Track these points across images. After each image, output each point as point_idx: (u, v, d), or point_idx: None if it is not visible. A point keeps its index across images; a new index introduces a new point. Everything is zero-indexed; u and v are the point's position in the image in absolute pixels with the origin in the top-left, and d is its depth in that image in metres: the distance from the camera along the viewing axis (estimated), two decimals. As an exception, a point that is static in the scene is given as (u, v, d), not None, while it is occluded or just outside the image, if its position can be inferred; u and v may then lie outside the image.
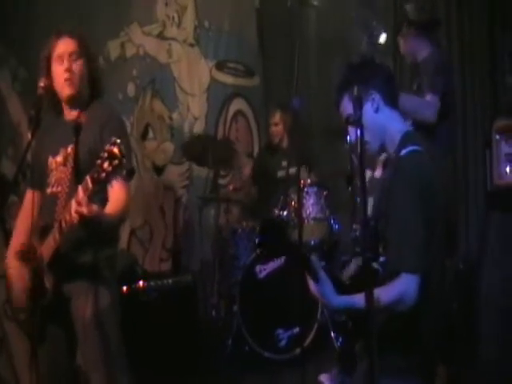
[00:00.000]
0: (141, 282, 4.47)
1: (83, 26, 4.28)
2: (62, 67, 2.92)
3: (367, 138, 2.35)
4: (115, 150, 2.38)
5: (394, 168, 2.45)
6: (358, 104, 2.17)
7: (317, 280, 2.37)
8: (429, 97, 3.91)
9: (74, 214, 2.56)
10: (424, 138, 2.78)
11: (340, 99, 2.55)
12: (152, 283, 4.54)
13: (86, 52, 2.98)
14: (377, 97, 2.48)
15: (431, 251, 2.32)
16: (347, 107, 2.51)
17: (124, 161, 2.41)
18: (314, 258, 2.44)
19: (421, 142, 2.49)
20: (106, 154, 2.39)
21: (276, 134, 5.57)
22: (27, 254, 2.90)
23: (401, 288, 2.26)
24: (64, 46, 2.93)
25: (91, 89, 3.03)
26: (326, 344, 4.63)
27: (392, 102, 2.53)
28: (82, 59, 2.96)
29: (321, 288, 2.37)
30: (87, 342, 2.88)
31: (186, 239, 5.70)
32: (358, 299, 2.19)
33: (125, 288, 4.22)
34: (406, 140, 2.45)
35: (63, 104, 3.03)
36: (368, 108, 2.46)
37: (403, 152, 2.41)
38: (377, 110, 2.49)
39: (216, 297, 5.35)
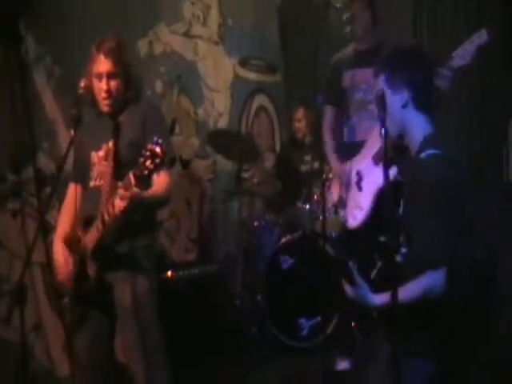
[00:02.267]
0: (169, 272, 4.57)
1: (115, 26, 4.42)
2: (101, 85, 3.08)
3: (387, 124, 2.36)
4: (157, 149, 2.53)
5: (414, 170, 2.53)
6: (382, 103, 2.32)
7: (354, 284, 2.50)
8: None
9: (117, 211, 2.75)
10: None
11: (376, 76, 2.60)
12: (180, 273, 4.65)
13: (122, 70, 3.11)
14: (408, 95, 2.53)
15: (454, 246, 2.41)
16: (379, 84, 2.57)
17: (165, 160, 2.57)
18: (350, 263, 2.54)
19: (443, 145, 2.52)
20: (148, 153, 2.53)
21: (299, 129, 5.66)
22: (72, 242, 3.10)
23: (428, 283, 2.37)
24: (101, 67, 3.08)
25: (130, 96, 3.18)
26: (346, 332, 4.77)
27: (423, 105, 2.56)
28: (119, 78, 3.10)
29: (358, 291, 2.50)
30: (126, 327, 3.05)
31: (210, 231, 5.85)
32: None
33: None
34: (427, 142, 2.51)
35: None
36: (397, 100, 2.52)
37: (423, 155, 2.48)
38: (404, 106, 2.54)
39: (240, 287, 5.47)
